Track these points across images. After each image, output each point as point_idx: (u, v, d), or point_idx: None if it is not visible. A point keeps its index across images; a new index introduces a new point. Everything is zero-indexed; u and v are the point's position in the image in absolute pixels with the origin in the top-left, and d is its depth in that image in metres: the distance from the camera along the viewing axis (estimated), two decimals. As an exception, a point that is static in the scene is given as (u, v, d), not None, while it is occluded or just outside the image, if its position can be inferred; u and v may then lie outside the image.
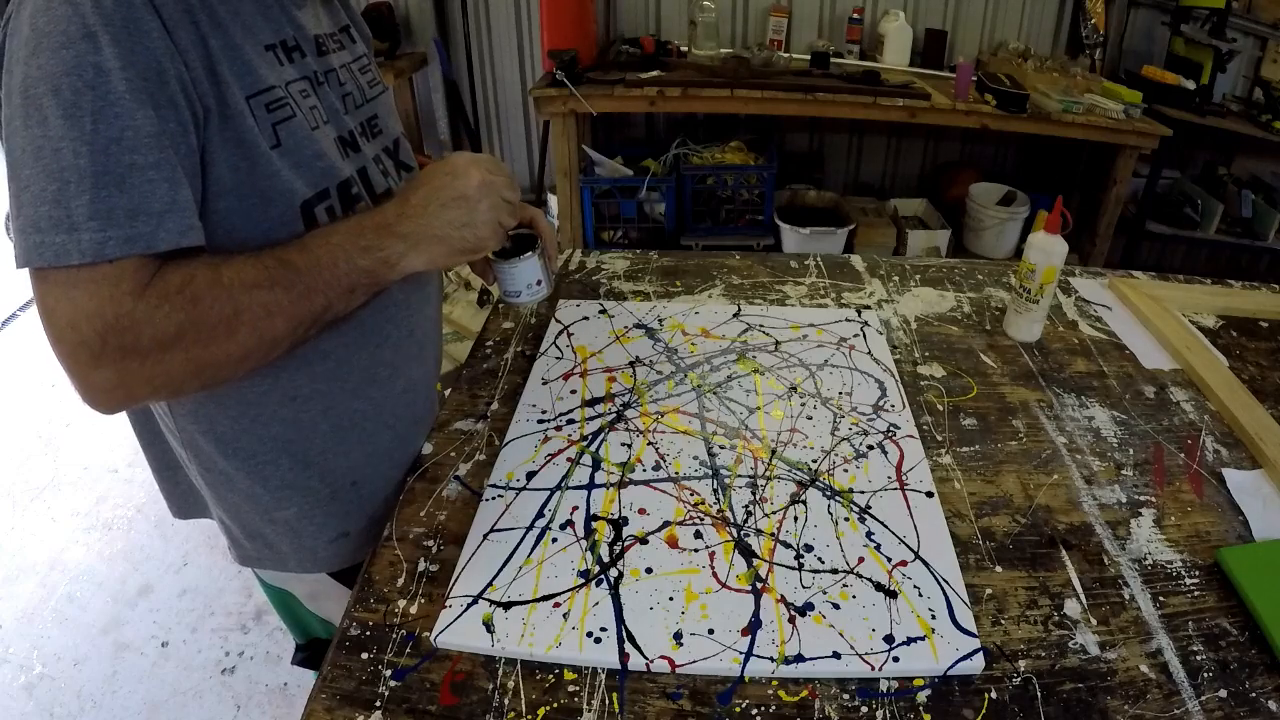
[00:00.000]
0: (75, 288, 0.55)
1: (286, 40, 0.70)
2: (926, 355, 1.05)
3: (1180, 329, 1.10)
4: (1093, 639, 0.66)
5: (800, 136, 3.19)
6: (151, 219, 0.56)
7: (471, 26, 3.02)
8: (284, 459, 0.78)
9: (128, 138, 0.55)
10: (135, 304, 0.56)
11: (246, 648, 1.74)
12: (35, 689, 1.65)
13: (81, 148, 0.54)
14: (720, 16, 2.90)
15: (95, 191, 0.54)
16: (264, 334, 0.62)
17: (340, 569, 0.87)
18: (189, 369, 0.61)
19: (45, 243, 0.54)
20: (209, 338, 0.60)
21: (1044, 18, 2.96)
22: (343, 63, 0.79)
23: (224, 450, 0.76)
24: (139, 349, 0.57)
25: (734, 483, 0.81)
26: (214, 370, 0.63)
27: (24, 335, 2.96)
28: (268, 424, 0.76)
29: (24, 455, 2.33)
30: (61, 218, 0.54)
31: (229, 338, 0.61)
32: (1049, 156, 2.99)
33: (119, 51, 0.55)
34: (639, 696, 0.61)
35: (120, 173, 0.55)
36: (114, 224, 0.55)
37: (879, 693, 0.61)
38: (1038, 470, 0.85)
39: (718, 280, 1.23)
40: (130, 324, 0.56)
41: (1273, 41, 2.72)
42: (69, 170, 0.54)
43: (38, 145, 0.54)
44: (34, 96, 0.54)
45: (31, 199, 0.54)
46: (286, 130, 0.66)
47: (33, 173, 0.54)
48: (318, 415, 0.78)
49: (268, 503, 0.80)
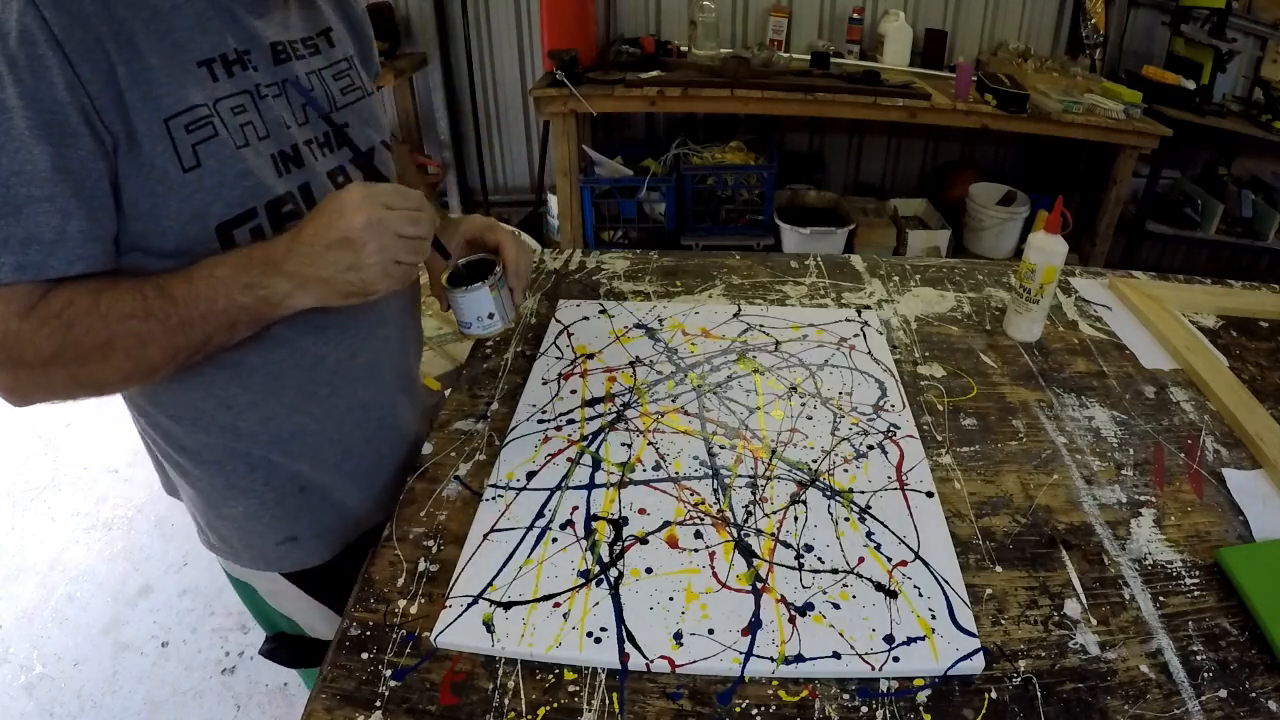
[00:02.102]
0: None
1: (227, 54, 0.68)
2: (926, 355, 1.05)
3: (1180, 329, 1.10)
4: (1093, 639, 0.66)
5: (800, 136, 3.19)
6: (44, 248, 0.60)
7: (471, 26, 3.02)
8: (229, 461, 0.79)
9: (26, 171, 0.58)
10: (20, 324, 0.60)
11: (246, 648, 1.74)
12: (35, 689, 1.65)
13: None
14: (720, 16, 2.90)
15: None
16: (139, 361, 0.65)
17: (290, 571, 0.88)
18: (72, 383, 0.65)
19: None
20: (84, 359, 0.63)
21: (1044, 18, 2.96)
22: (310, 69, 0.76)
23: (174, 446, 0.79)
24: (24, 362, 0.62)
25: (734, 483, 0.81)
26: (98, 386, 0.66)
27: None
28: (208, 429, 0.77)
29: (24, 455, 2.33)
30: None
31: (103, 361, 0.64)
32: (1049, 156, 2.99)
33: (20, 90, 0.57)
34: (639, 696, 0.61)
35: (18, 204, 0.58)
36: (8, 251, 0.59)
37: (879, 693, 0.61)
38: (1038, 470, 0.85)
39: (718, 280, 1.23)
40: (15, 342, 0.61)
41: (1273, 41, 2.72)
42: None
43: None
44: None
45: None
46: (207, 150, 0.65)
47: None
48: (256, 425, 0.78)
49: (217, 500, 0.82)
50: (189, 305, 0.64)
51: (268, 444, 0.79)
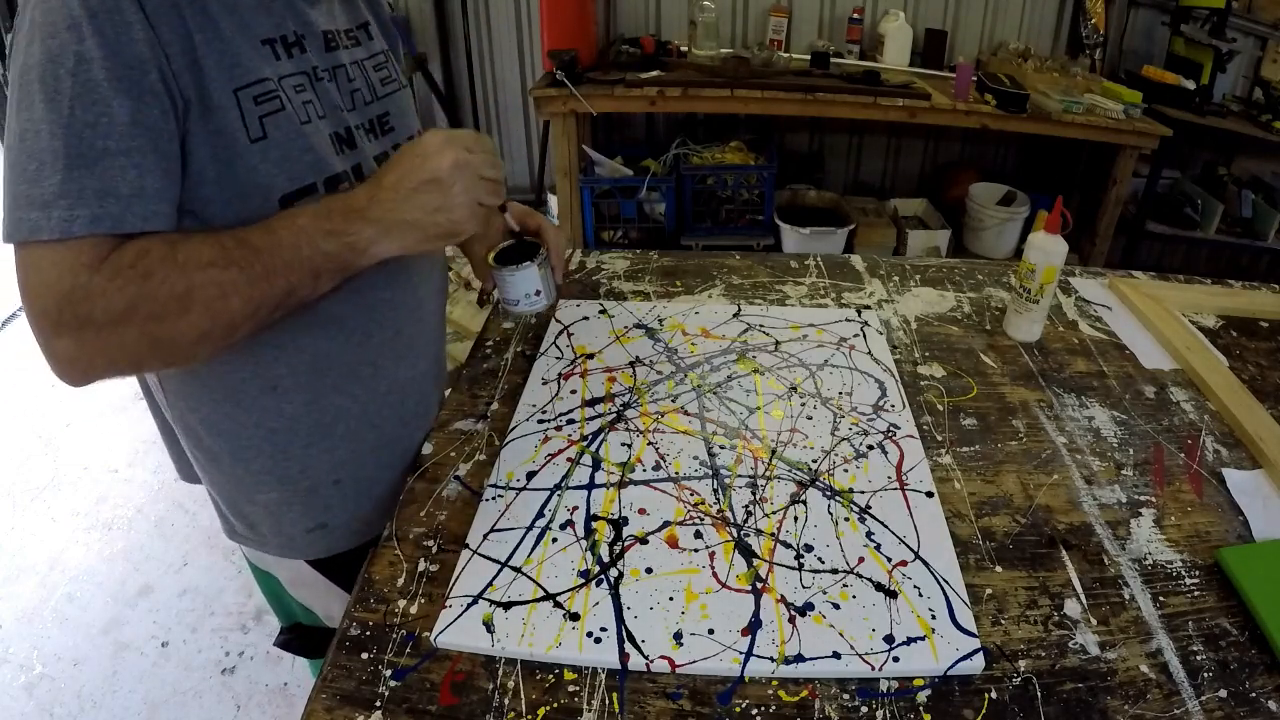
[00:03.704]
0: (42, 260, 0.58)
1: (287, 35, 0.70)
2: (926, 355, 1.05)
3: (1180, 329, 1.10)
4: (1093, 639, 0.66)
5: (800, 136, 3.19)
6: (119, 201, 0.59)
7: (471, 26, 3.02)
8: (266, 445, 0.79)
9: (103, 124, 0.58)
10: (90, 277, 0.58)
11: (246, 648, 1.74)
12: (35, 689, 1.65)
13: (58, 130, 0.57)
14: (720, 16, 2.90)
15: (67, 172, 0.57)
16: (219, 314, 0.62)
17: (318, 559, 0.88)
18: (144, 344, 0.61)
19: (22, 219, 0.57)
20: (160, 314, 0.60)
21: (1044, 18, 2.96)
22: (354, 59, 0.79)
23: (209, 430, 0.79)
24: (93, 320, 0.59)
25: (734, 483, 0.81)
26: (171, 347, 0.63)
27: (24, 335, 2.95)
28: (249, 411, 0.77)
29: (24, 455, 2.33)
30: (36, 196, 0.57)
31: (181, 315, 0.61)
32: (1049, 156, 2.99)
33: (101, 42, 0.57)
34: (639, 696, 0.61)
35: (93, 156, 0.58)
36: (83, 203, 0.58)
37: (879, 693, 0.61)
38: (1038, 470, 0.85)
39: (718, 280, 1.23)
40: (84, 296, 0.58)
41: (1273, 41, 2.72)
42: (46, 151, 0.57)
43: (24, 128, 0.58)
44: (26, 83, 0.58)
45: (14, 178, 0.58)
46: (274, 123, 0.67)
47: (18, 154, 0.58)
48: (300, 408, 0.79)
49: (249, 484, 0.82)
50: (272, 254, 0.63)
51: (308, 429, 0.80)
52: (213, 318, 0.62)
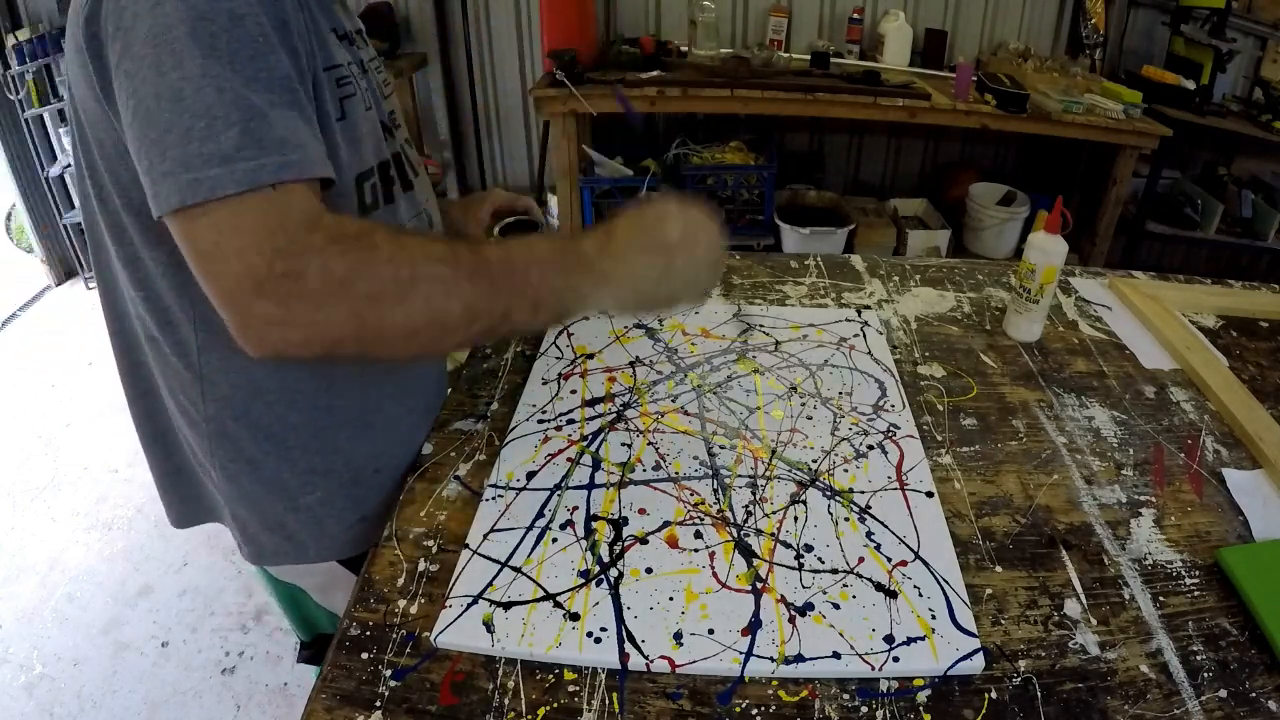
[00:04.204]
0: (241, 216, 0.54)
1: (338, 28, 0.72)
2: (926, 355, 1.05)
3: (1180, 329, 1.10)
4: (1093, 639, 0.66)
5: (800, 136, 3.19)
6: (301, 149, 0.57)
7: (471, 26, 3.02)
8: (313, 443, 0.79)
9: (263, 78, 0.56)
10: (308, 235, 0.55)
11: (246, 648, 1.74)
12: (35, 689, 1.65)
13: (225, 84, 0.54)
14: (720, 16, 2.90)
15: (245, 124, 0.54)
16: (437, 313, 0.59)
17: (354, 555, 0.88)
18: (350, 325, 0.57)
19: (199, 179, 0.53)
20: (379, 295, 0.57)
21: (1044, 18, 2.95)
22: (369, 57, 0.81)
23: (256, 436, 0.77)
24: (305, 282, 0.55)
25: (734, 483, 0.81)
26: (376, 337, 0.59)
27: (24, 335, 2.96)
28: (302, 409, 0.77)
29: (24, 455, 2.33)
30: (213, 152, 0.54)
31: (399, 303, 0.57)
32: (1049, 156, 2.99)
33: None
34: (639, 696, 0.61)
35: (262, 109, 0.56)
36: (266, 152, 0.55)
37: (879, 693, 0.61)
38: (1038, 470, 0.85)
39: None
40: (300, 251, 0.54)
41: (1273, 41, 2.72)
42: (214, 107, 0.54)
43: (176, 88, 0.54)
44: (167, 42, 0.54)
45: (177, 140, 0.54)
46: (349, 105, 0.69)
47: (173, 116, 0.54)
48: (350, 399, 0.79)
49: (294, 488, 0.80)
50: (503, 271, 0.61)
51: (353, 420, 0.80)
52: (430, 315, 0.59)
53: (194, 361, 0.73)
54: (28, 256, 3.30)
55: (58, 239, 3.25)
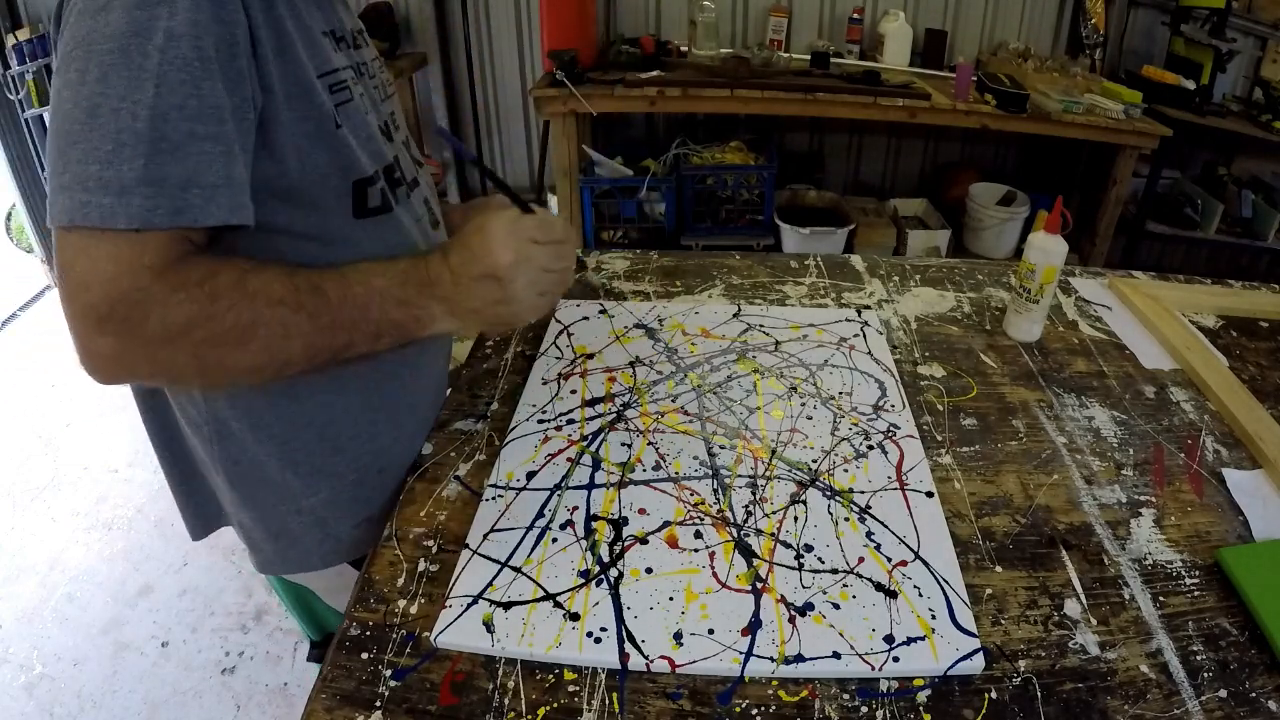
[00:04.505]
0: (97, 248, 0.54)
1: (335, 30, 0.72)
2: (926, 355, 1.05)
3: (1180, 329, 1.10)
4: (1093, 639, 0.66)
5: (800, 136, 3.19)
6: (204, 192, 0.55)
7: (471, 26, 3.02)
8: (316, 444, 0.78)
9: (190, 106, 0.54)
10: (152, 282, 0.54)
11: (246, 648, 1.74)
12: (35, 689, 1.65)
13: (141, 111, 0.53)
14: (720, 16, 2.90)
15: (150, 157, 0.53)
16: (277, 353, 0.61)
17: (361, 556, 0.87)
18: (191, 365, 0.59)
19: (91, 202, 0.53)
20: (219, 340, 0.58)
21: (1044, 18, 2.95)
22: (371, 58, 0.81)
23: (258, 434, 0.76)
24: (144, 330, 0.55)
25: (734, 483, 0.81)
26: (218, 373, 0.61)
27: (24, 335, 2.96)
28: (305, 407, 0.76)
29: (24, 455, 2.33)
30: (111, 179, 0.53)
31: (240, 346, 0.59)
32: (1049, 156, 2.99)
33: (194, 19, 0.54)
34: (639, 696, 0.61)
35: (178, 140, 0.54)
36: (164, 193, 0.54)
37: (879, 693, 0.61)
38: (1038, 470, 0.85)
39: (718, 280, 1.23)
40: (141, 300, 0.54)
41: (1273, 41, 2.72)
42: (125, 132, 0.53)
43: (94, 103, 0.53)
44: (97, 53, 0.53)
45: (80, 156, 0.53)
46: (345, 112, 0.68)
47: (85, 130, 0.53)
48: (354, 398, 0.79)
49: (297, 490, 0.80)
50: (342, 308, 0.63)
51: (356, 420, 0.79)
52: (270, 355, 0.60)
53: None
54: (28, 256, 3.30)
55: (58, 239, 3.25)
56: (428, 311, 0.67)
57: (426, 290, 0.66)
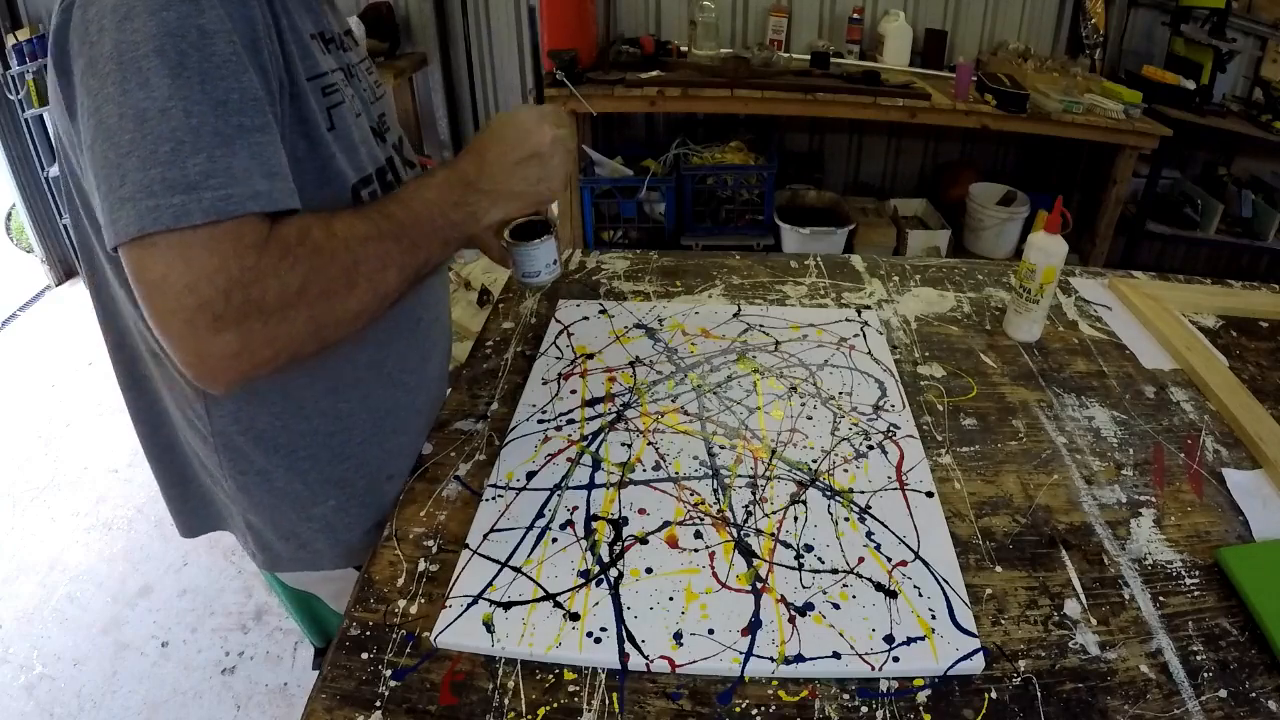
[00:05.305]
0: (191, 249, 0.53)
1: (324, 31, 0.72)
2: (926, 355, 1.05)
3: (1180, 329, 1.10)
4: (1093, 639, 0.66)
5: (800, 136, 3.19)
6: (269, 179, 0.56)
7: (471, 26, 3.02)
8: (323, 453, 0.78)
9: (233, 100, 0.55)
10: (259, 258, 0.54)
11: (246, 648, 1.74)
12: (35, 689, 1.65)
13: (193, 108, 0.53)
14: (720, 16, 2.90)
15: (211, 150, 0.53)
16: (378, 287, 0.63)
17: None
18: (309, 327, 0.59)
19: (162, 205, 0.52)
20: (331, 291, 0.59)
21: (1044, 18, 2.95)
22: (359, 59, 0.80)
23: (264, 447, 0.76)
24: (264, 306, 0.55)
25: (734, 483, 0.81)
26: (333, 328, 0.62)
27: (24, 335, 2.96)
28: (309, 417, 0.76)
29: (24, 455, 2.33)
30: (178, 179, 0.52)
31: (349, 291, 0.61)
32: (1049, 156, 2.99)
33: (222, 15, 0.55)
34: (639, 696, 0.61)
35: (230, 134, 0.54)
36: (234, 182, 0.54)
37: (879, 693, 0.61)
38: (1038, 470, 0.85)
39: (718, 280, 1.23)
40: (256, 278, 0.54)
41: (1273, 41, 2.72)
42: (181, 130, 0.52)
43: (141, 109, 0.52)
44: (132, 60, 0.52)
45: (138, 164, 0.52)
46: (338, 115, 0.68)
47: (137, 137, 0.52)
48: (357, 405, 0.79)
49: (306, 498, 0.80)
50: (414, 226, 0.66)
51: (363, 426, 0.80)
52: (374, 291, 0.63)
53: None
54: (28, 256, 3.30)
55: (58, 239, 3.25)
56: (479, 205, 0.71)
57: (472, 188, 0.71)
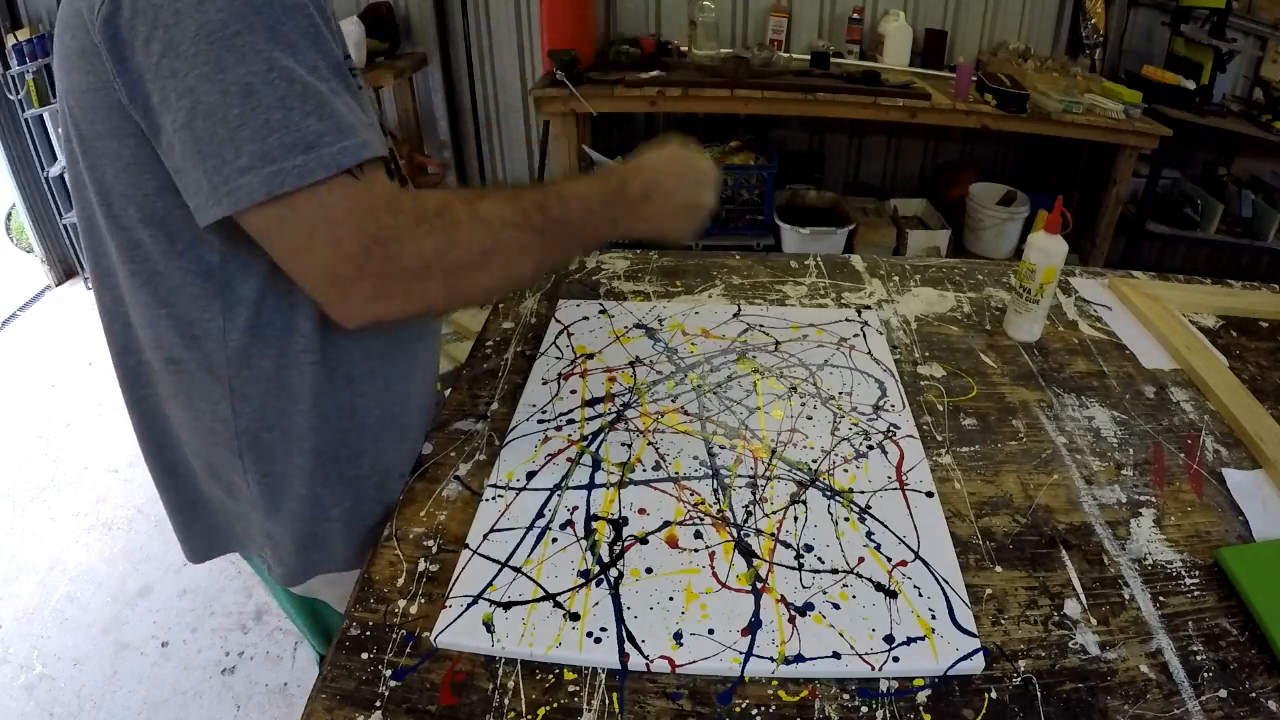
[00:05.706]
0: (330, 207, 0.56)
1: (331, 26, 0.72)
2: (926, 355, 1.05)
3: (1180, 329, 1.10)
4: (1093, 639, 0.66)
5: (800, 136, 3.19)
6: (368, 129, 0.59)
7: (471, 26, 3.02)
8: (341, 450, 0.78)
9: (323, 65, 0.58)
10: (394, 219, 0.58)
11: (246, 648, 1.74)
12: (35, 689, 1.65)
13: (293, 74, 0.55)
14: (720, 16, 2.90)
15: (320, 110, 0.56)
16: (512, 271, 0.66)
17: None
18: (441, 293, 0.62)
19: (285, 169, 0.54)
20: (464, 266, 0.62)
21: (1044, 18, 2.95)
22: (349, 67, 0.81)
23: (288, 445, 0.75)
24: (400, 266, 0.59)
25: (734, 483, 0.81)
26: (459, 297, 0.65)
27: (24, 335, 2.96)
28: (326, 413, 0.75)
29: (24, 455, 2.33)
30: (295, 141, 0.54)
31: (482, 269, 0.63)
32: (1049, 156, 2.99)
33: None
34: (639, 696, 0.61)
35: (327, 96, 0.57)
36: (345, 135, 0.56)
37: (879, 693, 0.61)
38: (1038, 470, 0.85)
39: (718, 280, 1.23)
40: (393, 238, 0.58)
41: (1273, 41, 2.72)
42: (289, 96, 0.55)
43: (245, 83, 0.54)
44: (224, 37, 0.54)
45: (252, 135, 0.54)
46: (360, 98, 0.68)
47: (246, 111, 0.54)
48: (371, 399, 0.79)
49: (326, 499, 0.79)
50: (567, 227, 0.68)
51: (376, 422, 0.79)
52: (506, 274, 0.65)
53: (223, 375, 0.70)
54: (28, 256, 3.30)
55: (58, 239, 3.25)
56: (629, 224, 0.74)
57: (632, 211, 0.74)
